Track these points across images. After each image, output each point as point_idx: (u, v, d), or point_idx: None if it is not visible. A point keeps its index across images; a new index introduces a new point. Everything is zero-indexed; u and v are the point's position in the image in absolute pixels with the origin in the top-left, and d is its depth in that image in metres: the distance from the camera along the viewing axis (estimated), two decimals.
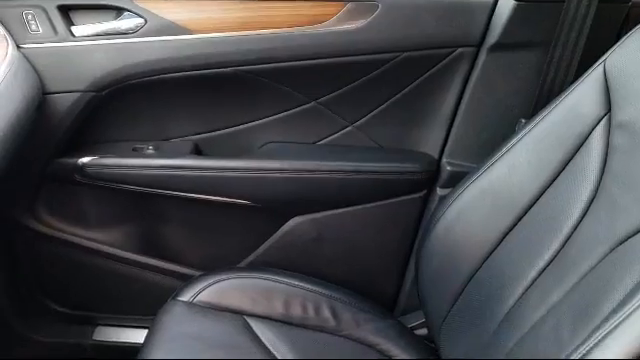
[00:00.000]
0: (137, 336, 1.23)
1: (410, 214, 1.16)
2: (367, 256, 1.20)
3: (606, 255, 0.71)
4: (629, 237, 0.69)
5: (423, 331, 1.13)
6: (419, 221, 1.16)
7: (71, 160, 1.09)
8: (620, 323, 0.58)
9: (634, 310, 0.57)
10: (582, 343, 0.60)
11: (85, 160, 1.09)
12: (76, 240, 1.17)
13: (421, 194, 1.14)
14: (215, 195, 1.12)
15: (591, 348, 0.59)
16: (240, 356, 0.93)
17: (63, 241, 1.16)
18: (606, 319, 0.60)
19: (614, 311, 0.60)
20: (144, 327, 1.12)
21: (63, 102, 1.04)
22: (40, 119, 1.02)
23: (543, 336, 0.72)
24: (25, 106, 0.98)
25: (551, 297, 0.75)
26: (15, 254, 1.18)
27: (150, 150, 1.12)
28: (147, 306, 1.12)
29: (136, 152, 1.11)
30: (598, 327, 0.60)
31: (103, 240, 1.18)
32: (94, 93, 1.04)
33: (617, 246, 0.70)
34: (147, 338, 0.96)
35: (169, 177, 1.10)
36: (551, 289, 0.76)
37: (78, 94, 1.03)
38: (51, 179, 1.11)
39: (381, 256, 1.20)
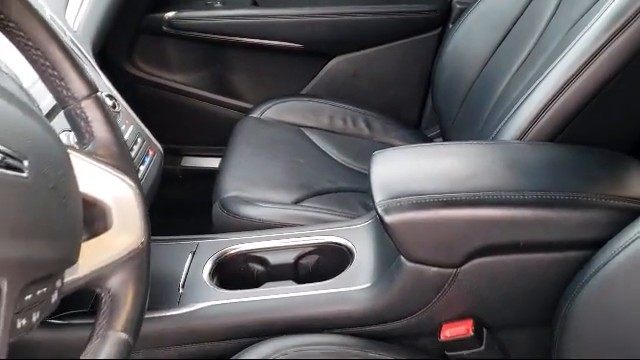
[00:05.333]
0: (214, 162, 1.56)
1: (429, 49, 1.43)
2: (394, 88, 1.48)
3: (564, 36, 0.98)
4: (579, 19, 0.95)
5: (439, 140, 1.42)
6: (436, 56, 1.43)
7: (159, 15, 1.39)
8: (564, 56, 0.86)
9: (572, 47, 0.86)
10: None
11: (170, 14, 1.39)
12: (163, 82, 1.49)
13: (437, 31, 1.41)
14: (271, 39, 1.41)
15: (546, 75, 0.88)
16: (301, 150, 1.25)
17: (154, 83, 1.48)
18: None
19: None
20: (219, 156, 1.43)
21: None
22: None
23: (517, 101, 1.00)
24: None
25: (527, 77, 1.02)
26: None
27: (218, 4, 1.41)
28: (219, 135, 1.43)
29: (208, 6, 1.41)
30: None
31: (184, 81, 1.49)
32: None
33: (571, 28, 0.97)
34: (229, 140, 1.28)
35: (234, 25, 1.40)
36: (528, 72, 1.03)
37: None
38: (144, 31, 1.41)
39: (406, 87, 1.48)
